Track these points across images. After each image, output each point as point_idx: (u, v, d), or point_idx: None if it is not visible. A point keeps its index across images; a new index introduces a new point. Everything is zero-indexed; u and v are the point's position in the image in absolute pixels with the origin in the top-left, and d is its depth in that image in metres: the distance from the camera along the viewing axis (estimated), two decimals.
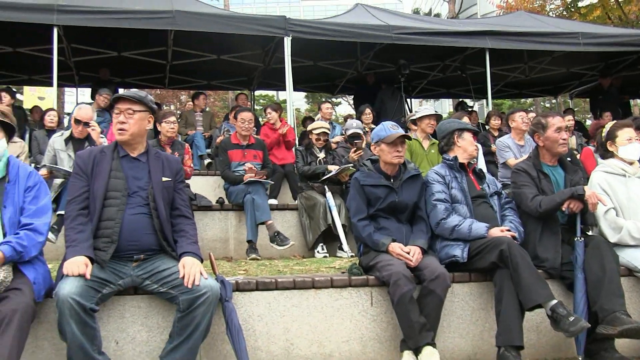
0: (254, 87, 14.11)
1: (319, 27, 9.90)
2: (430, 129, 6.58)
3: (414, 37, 10.12)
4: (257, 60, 12.02)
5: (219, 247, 6.68)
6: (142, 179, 3.70)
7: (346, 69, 13.17)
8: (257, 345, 3.93)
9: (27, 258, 3.43)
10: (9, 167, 3.61)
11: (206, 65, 12.48)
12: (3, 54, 11.53)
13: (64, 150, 6.34)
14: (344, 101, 29.80)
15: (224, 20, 9.54)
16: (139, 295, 3.77)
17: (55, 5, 8.83)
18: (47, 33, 9.03)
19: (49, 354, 3.63)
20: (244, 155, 7.07)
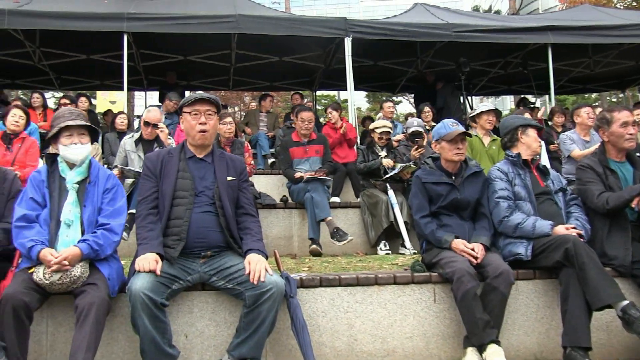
0: (315, 88, 14.24)
1: (379, 27, 9.91)
2: (489, 125, 6.48)
3: (474, 34, 10.03)
4: (318, 61, 12.10)
5: (283, 245, 6.77)
6: (208, 179, 3.80)
7: (406, 68, 13.11)
8: (322, 340, 3.99)
9: (103, 256, 3.61)
10: (90, 169, 3.82)
11: (268, 67, 12.64)
12: (78, 61, 12.03)
13: (134, 152, 6.57)
14: (405, 100, 29.60)
15: (285, 22, 9.67)
16: (207, 291, 3.89)
17: (125, 13, 9.19)
18: (118, 40, 9.38)
19: (123, 346, 3.79)
20: (306, 152, 7.17)
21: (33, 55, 11.58)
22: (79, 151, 3.75)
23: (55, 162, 3.83)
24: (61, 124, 3.74)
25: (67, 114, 3.85)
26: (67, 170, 3.78)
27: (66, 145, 3.73)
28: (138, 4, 10.43)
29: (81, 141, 3.77)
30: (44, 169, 3.81)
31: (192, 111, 3.77)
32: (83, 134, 3.80)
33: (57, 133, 3.75)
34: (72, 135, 3.74)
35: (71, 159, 3.76)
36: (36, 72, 12.67)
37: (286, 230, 6.93)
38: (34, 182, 3.72)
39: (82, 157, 3.77)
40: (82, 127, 3.80)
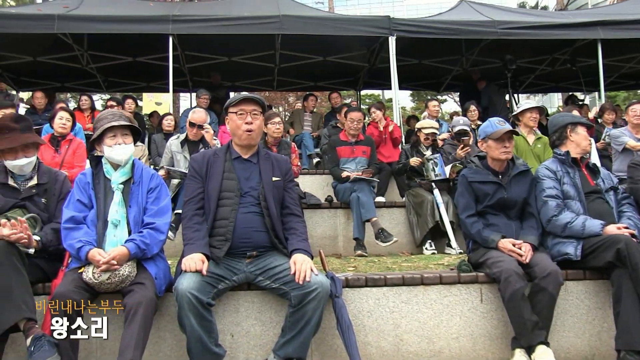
0: (359, 87, 14.21)
1: (423, 26, 9.85)
2: (533, 123, 6.33)
3: (521, 31, 9.87)
4: (362, 60, 12.09)
5: (328, 244, 6.76)
6: (254, 180, 3.81)
7: (451, 66, 12.97)
8: (367, 340, 3.98)
9: (150, 255, 3.66)
10: (134, 169, 3.88)
11: (313, 66, 12.68)
12: (124, 64, 12.30)
13: (180, 152, 6.64)
14: (450, 98, 29.27)
15: (329, 22, 9.69)
16: (253, 290, 3.91)
17: (170, 16, 9.35)
18: (163, 42, 9.55)
19: (170, 344, 3.85)
20: (353, 152, 7.16)
21: (81, 59, 11.86)
22: (122, 151, 3.81)
23: (99, 163, 3.90)
24: (105, 125, 3.80)
25: (110, 115, 3.91)
26: (112, 171, 3.84)
27: (110, 146, 3.79)
28: (183, 6, 10.64)
29: (125, 141, 3.83)
30: (89, 171, 3.89)
31: (238, 111, 3.78)
32: (126, 135, 3.86)
33: (101, 134, 3.82)
34: (116, 136, 3.80)
35: (115, 159, 3.82)
36: (84, 75, 12.98)
37: (331, 230, 6.92)
38: (80, 184, 3.80)
39: (126, 157, 3.83)
40: (125, 128, 3.87)
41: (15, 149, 3.85)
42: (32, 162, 3.95)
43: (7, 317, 3.28)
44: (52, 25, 9.14)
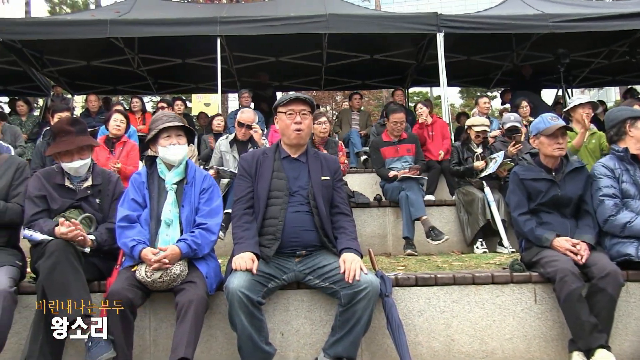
0: (407, 85, 14.06)
1: (472, 22, 9.71)
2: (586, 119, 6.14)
3: (574, 24, 9.61)
4: (410, 57, 12.00)
5: (377, 243, 6.73)
6: (303, 179, 3.80)
7: (501, 62, 12.75)
8: (418, 340, 3.93)
9: (201, 255, 3.71)
10: (187, 170, 3.96)
11: (360, 65, 12.65)
12: (174, 66, 12.55)
13: (229, 152, 6.70)
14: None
15: (376, 20, 9.65)
16: (302, 289, 3.91)
17: (218, 17, 9.47)
18: (212, 44, 9.66)
19: (221, 342, 3.89)
20: (397, 151, 7.12)
21: (132, 62, 12.17)
22: (177, 152, 3.88)
23: (154, 163, 3.99)
24: (160, 126, 3.88)
25: (165, 116, 4.00)
26: (166, 171, 3.92)
27: (165, 146, 3.87)
28: (230, 7, 10.75)
29: (179, 142, 3.90)
30: (144, 170, 3.97)
31: (288, 111, 3.79)
32: (180, 135, 3.93)
33: (156, 135, 3.90)
34: (170, 137, 3.88)
35: (170, 159, 3.89)
36: (135, 78, 13.32)
37: (380, 229, 6.88)
38: (135, 184, 3.89)
39: (180, 157, 3.90)
40: (179, 129, 3.94)
41: (71, 152, 3.94)
42: (87, 164, 4.04)
43: (65, 314, 3.35)
44: (105, 30, 9.37)
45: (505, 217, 6.37)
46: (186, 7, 13.14)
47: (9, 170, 4.06)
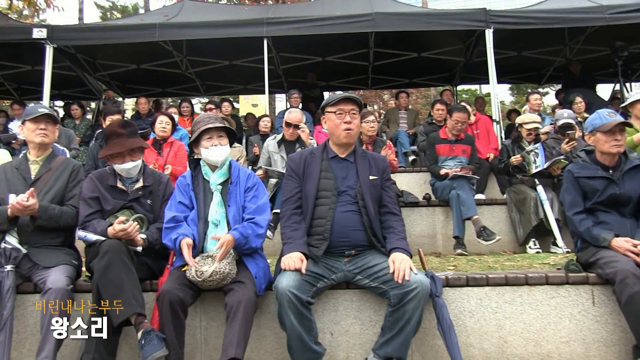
0: (456, 82, 13.90)
1: (523, 17, 9.47)
2: None
3: (633, 14, 9.21)
4: (458, 55, 11.85)
5: (426, 243, 6.66)
6: (351, 178, 3.78)
7: (554, 57, 12.40)
8: (469, 341, 3.86)
9: (251, 246, 3.73)
10: (231, 170, 3.99)
11: (407, 63, 12.55)
12: (221, 68, 12.67)
13: (277, 152, 6.72)
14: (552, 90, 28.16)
15: (423, 18, 9.53)
16: (351, 289, 3.89)
17: (264, 18, 9.53)
18: (258, 45, 9.71)
19: (271, 342, 3.90)
20: (452, 150, 7.01)
21: (181, 64, 12.37)
22: (219, 152, 3.92)
23: (198, 166, 4.04)
24: (201, 128, 3.93)
25: (206, 118, 4.04)
26: (210, 172, 3.97)
27: (207, 147, 3.91)
28: (276, 8, 10.77)
29: (220, 143, 3.94)
30: (188, 173, 4.03)
31: (337, 111, 3.77)
32: (222, 136, 3.97)
33: (198, 137, 3.95)
34: (212, 138, 3.92)
35: (212, 160, 3.94)
36: (184, 80, 13.53)
37: (430, 229, 6.80)
38: (181, 187, 3.96)
39: (222, 158, 3.94)
40: (221, 130, 3.98)
41: (122, 154, 4.01)
42: (138, 165, 4.11)
43: (120, 312, 3.43)
44: (154, 34, 9.53)
45: (559, 216, 6.19)
46: (233, 9, 13.27)
47: (65, 172, 4.17)
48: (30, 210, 3.79)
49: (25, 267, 3.91)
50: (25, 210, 3.78)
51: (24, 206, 3.74)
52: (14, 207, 3.75)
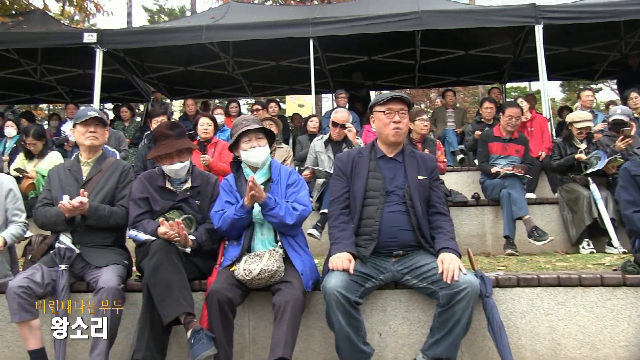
0: (504, 80, 13.65)
1: (574, 11, 9.24)
2: None
3: None
4: (506, 52, 11.62)
5: (475, 243, 6.57)
6: (399, 178, 3.76)
7: (607, 52, 11.99)
8: (521, 343, 3.78)
9: (281, 215, 3.74)
10: (271, 169, 4.04)
11: (454, 61, 12.36)
12: (267, 68, 12.74)
13: (324, 152, 6.71)
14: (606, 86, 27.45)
15: (470, 15, 9.40)
16: (399, 289, 3.86)
17: (310, 19, 9.55)
18: (304, 45, 9.73)
19: (319, 341, 3.91)
20: (505, 149, 6.87)
21: (227, 66, 12.50)
22: (258, 154, 3.97)
23: (240, 168, 4.09)
24: (239, 130, 3.98)
25: (244, 120, 4.10)
26: (252, 173, 4.01)
27: (246, 149, 3.97)
28: (322, 8, 10.77)
29: (259, 144, 3.98)
30: (231, 176, 4.10)
31: (386, 110, 3.74)
32: (260, 138, 4.01)
33: (237, 139, 4.00)
34: (251, 140, 3.97)
35: (252, 162, 3.99)
36: (230, 81, 13.66)
37: (479, 228, 6.71)
38: (226, 188, 4.03)
39: (262, 159, 4.00)
40: (259, 131, 4.01)
41: (171, 155, 4.06)
42: (186, 166, 4.15)
43: (169, 311, 3.48)
44: (201, 36, 9.65)
45: (615, 215, 6.02)
46: (278, 10, 13.33)
47: (115, 173, 4.25)
48: (80, 210, 3.87)
49: (79, 266, 4.01)
50: (75, 210, 3.86)
51: (74, 206, 3.82)
52: (64, 207, 3.83)
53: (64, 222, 3.96)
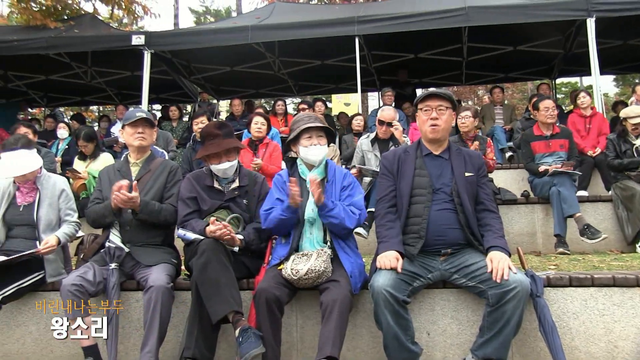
0: (554, 75, 13.35)
1: (628, 2, 8.88)
2: None
3: None
4: (556, 46, 11.39)
5: (525, 241, 6.45)
6: (446, 176, 3.72)
7: None
8: (574, 344, 3.69)
9: (342, 218, 3.74)
10: (327, 169, 4.03)
11: (503, 57, 12.18)
12: (313, 67, 12.78)
13: (371, 151, 6.67)
14: None
15: (519, 10, 9.19)
16: (448, 288, 3.81)
17: (356, 17, 9.50)
18: (350, 44, 9.69)
19: (367, 340, 3.89)
20: (549, 146, 6.72)
21: (273, 65, 12.60)
22: (317, 152, 3.96)
23: (295, 164, 4.10)
24: (301, 127, 3.97)
25: (306, 117, 4.09)
26: (307, 171, 4.02)
27: (306, 146, 3.96)
28: (367, 6, 10.71)
29: (319, 142, 3.98)
30: (285, 172, 4.10)
31: (424, 107, 3.73)
32: (321, 136, 4.00)
33: (297, 135, 3.99)
34: (312, 137, 3.97)
35: (311, 159, 3.98)
36: (276, 81, 13.74)
37: (529, 227, 6.58)
38: (278, 185, 4.03)
39: (320, 157, 3.98)
40: (320, 129, 4.01)
41: (219, 154, 4.10)
42: (234, 165, 4.18)
43: (218, 310, 3.51)
44: (247, 36, 9.70)
45: None
46: (324, 9, 13.33)
47: (163, 173, 4.32)
48: (132, 202, 3.95)
49: (128, 265, 4.09)
50: (128, 201, 3.93)
51: (128, 197, 3.89)
52: (118, 197, 3.89)
53: (112, 214, 4.05)
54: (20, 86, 13.94)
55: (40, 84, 14.05)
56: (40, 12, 11.90)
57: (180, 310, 4.05)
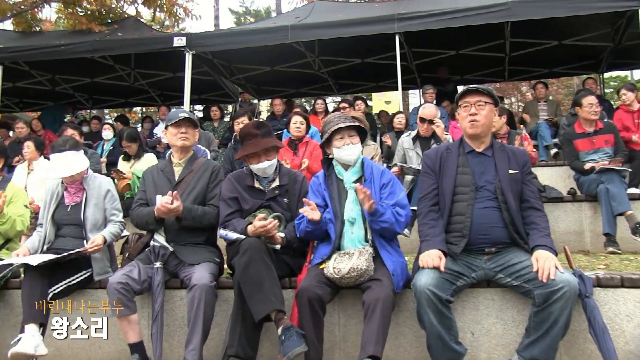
0: (602, 69, 12.98)
1: None
2: None
3: None
4: (604, 40, 11.07)
5: (573, 240, 6.28)
6: (489, 173, 3.66)
7: None
8: (628, 348, 3.56)
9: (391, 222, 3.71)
10: (364, 167, 4.00)
11: (547, 52, 11.92)
12: (353, 66, 12.76)
13: (412, 149, 6.63)
14: None
15: (563, 3, 8.94)
16: (492, 288, 3.75)
17: (396, 14, 9.44)
18: (390, 41, 9.64)
19: (410, 340, 3.86)
20: (593, 143, 6.55)
21: (313, 64, 12.63)
22: (351, 151, 3.95)
23: (331, 165, 4.08)
24: (332, 128, 3.97)
25: (336, 118, 4.08)
26: (343, 171, 4.01)
27: (339, 147, 3.96)
28: (407, 3, 10.61)
29: (352, 141, 3.97)
30: (321, 173, 4.10)
31: (463, 103, 3.70)
32: (353, 135, 3.99)
33: (330, 137, 3.99)
34: (343, 137, 3.96)
35: (345, 159, 3.98)
36: (316, 80, 13.76)
37: (576, 225, 6.40)
38: (313, 187, 4.06)
39: (354, 156, 3.97)
40: (352, 129, 4.00)
41: (257, 154, 4.12)
42: (274, 164, 4.20)
43: (260, 308, 3.52)
44: (286, 36, 9.72)
45: None
46: (363, 7, 13.24)
47: (206, 173, 4.37)
48: (175, 212, 4.01)
49: (172, 264, 4.14)
50: (170, 212, 3.99)
51: (169, 209, 3.96)
52: (160, 210, 3.99)
53: (155, 222, 4.12)
54: (67, 89, 14.29)
55: (86, 87, 14.37)
56: (85, 17, 12.16)
57: (223, 308, 4.09)
